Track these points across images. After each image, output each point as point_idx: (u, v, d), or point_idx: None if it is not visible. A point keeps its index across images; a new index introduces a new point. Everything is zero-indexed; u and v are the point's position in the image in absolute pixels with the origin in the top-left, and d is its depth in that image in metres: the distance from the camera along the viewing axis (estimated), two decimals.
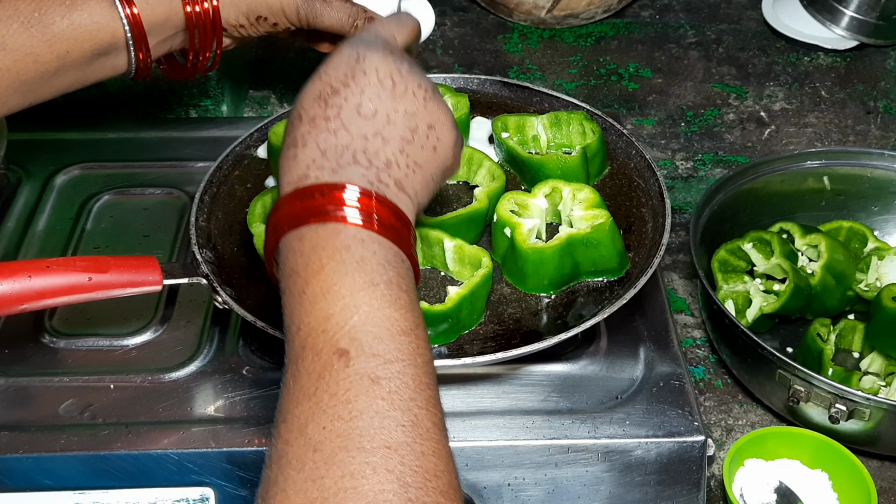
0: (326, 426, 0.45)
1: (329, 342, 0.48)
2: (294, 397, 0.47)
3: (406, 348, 0.49)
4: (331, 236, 0.51)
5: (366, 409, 0.46)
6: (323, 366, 0.47)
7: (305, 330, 0.49)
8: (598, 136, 0.83)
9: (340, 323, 0.48)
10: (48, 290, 0.67)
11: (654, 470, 0.72)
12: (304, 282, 0.50)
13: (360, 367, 0.47)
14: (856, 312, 0.92)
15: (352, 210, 0.52)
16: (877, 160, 0.97)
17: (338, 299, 0.49)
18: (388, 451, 0.45)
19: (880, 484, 0.80)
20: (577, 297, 0.75)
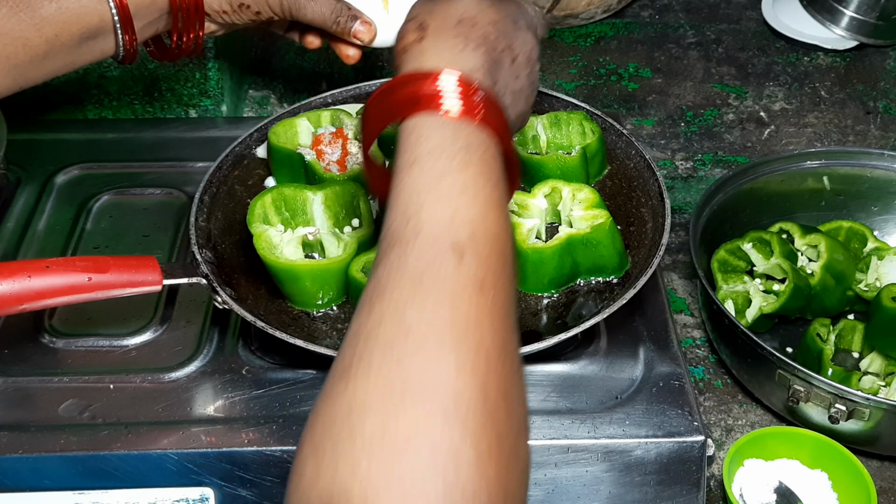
0: (424, 315, 0.46)
1: (449, 235, 0.49)
2: (396, 279, 0.48)
3: (510, 269, 0.51)
4: (487, 146, 0.54)
5: (467, 312, 0.47)
6: (435, 256, 0.48)
7: (427, 214, 0.50)
8: (597, 136, 0.83)
9: (465, 221, 0.50)
10: (48, 291, 0.67)
11: (653, 470, 0.72)
12: (446, 169, 0.52)
13: (471, 271, 0.48)
14: (855, 312, 0.92)
15: (498, 118, 0.56)
16: (876, 160, 0.97)
17: (474, 203, 0.51)
18: (479, 356, 0.46)
19: (880, 484, 0.80)
20: (576, 297, 0.75)
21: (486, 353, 0.46)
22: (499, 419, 0.45)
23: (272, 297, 0.75)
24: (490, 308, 0.48)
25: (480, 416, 0.44)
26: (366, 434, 0.42)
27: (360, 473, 0.41)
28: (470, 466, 0.42)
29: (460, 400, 0.43)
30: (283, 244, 0.74)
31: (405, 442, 0.42)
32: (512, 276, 0.51)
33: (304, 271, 0.73)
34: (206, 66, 1.04)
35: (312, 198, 0.77)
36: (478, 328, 0.47)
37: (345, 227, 0.78)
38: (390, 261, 0.49)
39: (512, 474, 0.44)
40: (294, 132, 0.84)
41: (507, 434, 0.45)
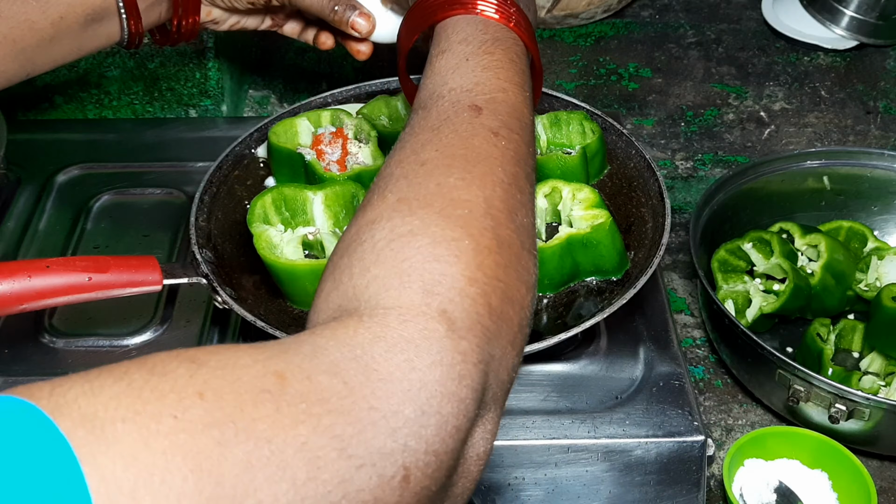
0: (439, 150, 0.50)
1: (470, 99, 0.54)
2: (416, 131, 0.53)
3: (527, 135, 0.55)
4: (511, 40, 0.60)
5: (479, 147, 0.51)
6: (455, 112, 0.53)
7: (451, 86, 0.55)
8: (597, 135, 0.83)
9: (486, 91, 0.55)
10: (48, 290, 0.67)
11: (653, 470, 0.72)
12: (472, 52, 0.57)
13: (486, 121, 0.52)
14: (855, 312, 0.92)
15: (525, 29, 0.61)
16: (876, 160, 0.97)
17: (494, 77, 0.56)
18: (486, 178, 0.49)
19: (880, 484, 0.80)
20: (576, 296, 0.75)
21: (493, 179, 0.49)
22: (501, 227, 0.47)
23: (272, 297, 0.75)
24: (502, 149, 0.51)
25: (483, 220, 0.47)
26: (375, 240, 0.45)
27: (368, 274, 0.44)
28: (467, 255, 0.45)
29: (464, 206, 0.47)
30: (284, 244, 0.74)
31: (409, 239, 0.45)
32: (527, 139, 0.54)
33: (304, 271, 0.72)
34: (206, 65, 1.04)
35: (312, 198, 0.77)
36: (487, 160, 0.50)
37: (345, 227, 0.78)
38: (413, 122, 0.54)
39: (512, 275, 0.47)
40: (294, 132, 0.84)
41: (509, 244, 0.47)
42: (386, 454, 0.37)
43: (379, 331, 0.41)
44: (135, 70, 1.04)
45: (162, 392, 0.34)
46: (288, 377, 0.37)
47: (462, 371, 0.41)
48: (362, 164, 0.81)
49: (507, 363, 0.46)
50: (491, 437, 0.45)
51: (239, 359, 0.37)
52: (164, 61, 1.03)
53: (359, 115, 0.86)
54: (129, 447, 0.32)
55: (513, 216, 0.49)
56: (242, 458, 0.34)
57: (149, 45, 1.02)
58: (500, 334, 0.45)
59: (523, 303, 0.47)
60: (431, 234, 0.45)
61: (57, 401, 0.33)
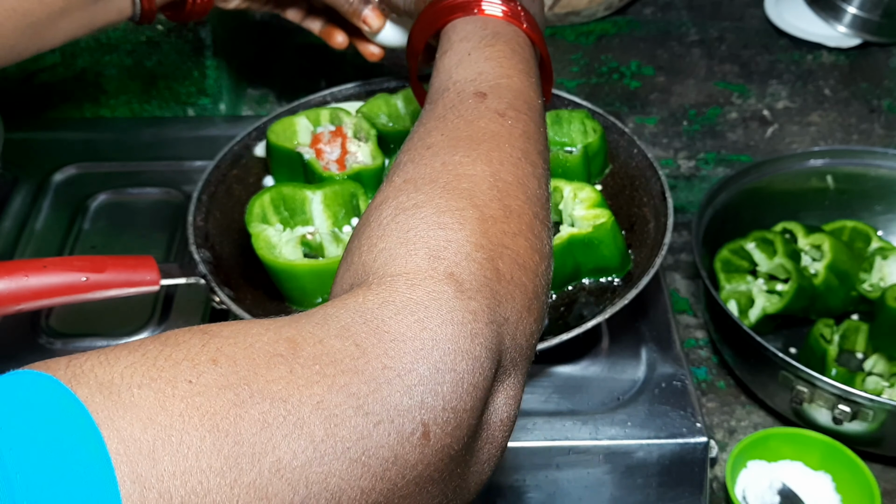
0: (445, 134, 0.51)
1: (474, 88, 0.55)
2: (422, 121, 0.53)
3: (535, 114, 0.55)
4: (513, 33, 0.60)
5: (485, 128, 0.51)
6: (460, 100, 0.54)
7: (455, 78, 0.56)
8: (599, 134, 0.82)
9: (489, 79, 0.55)
10: (45, 290, 0.67)
11: (656, 472, 0.71)
12: (473, 47, 0.58)
13: (491, 104, 0.53)
14: (859, 313, 0.92)
15: (530, 25, 0.62)
16: (880, 159, 0.96)
17: (496, 66, 0.56)
18: (492, 153, 0.49)
19: (884, 486, 0.80)
20: (578, 297, 0.75)
21: (500, 154, 0.50)
22: (509, 198, 0.48)
23: (270, 297, 0.74)
24: (509, 128, 0.52)
25: (489, 192, 0.47)
26: (381, 219, 0.46)
27: (375, 248, 0.45)
28: (471, 223, 0.45)
29: (469, 180, 0.47)
30: (282, 244, 0.74)
31: (413, 211, 0.45)
32: (534, 118, 0.54)
33: (302, 271, 0.72)
34: (204, 64, 1.04)
35: (311, 197, 0.77)
36: (494, 139, 0.50)
37: (344, 227, 0.77)
38: (421, 117, 0.55)
39: (522, 243, 0.47)
40: (293, 131, 0.84)
41: (518, 213, 0.47)
42: (403, 411, 0.38)
43: (387, 295, 0.41)
44: (132, 68, 1.03)
45: (176, 360, 0.35)
46: (299, 342, 0.37)
47: (474, 329, 0.41)
48: (361, 163, 0.81)
49: (524, 328, 0.46)
50: (514, 403, 0.45)
51: (251, 328, 0.38)
52: (162, 60, 1.03)
53: (358, 114, 0.85)
54: (147, 410, 0.33)
55: (523, 188, 0.49)
56: (259, 418, 0.34)
57: (146, 44, 1.02)
58: (513, 298, 0.45)
59: (537, 270, 0.47)
60: (436, 205, 0.46)
61: (74, 371, 0.33)
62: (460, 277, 0.42)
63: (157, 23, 1.00)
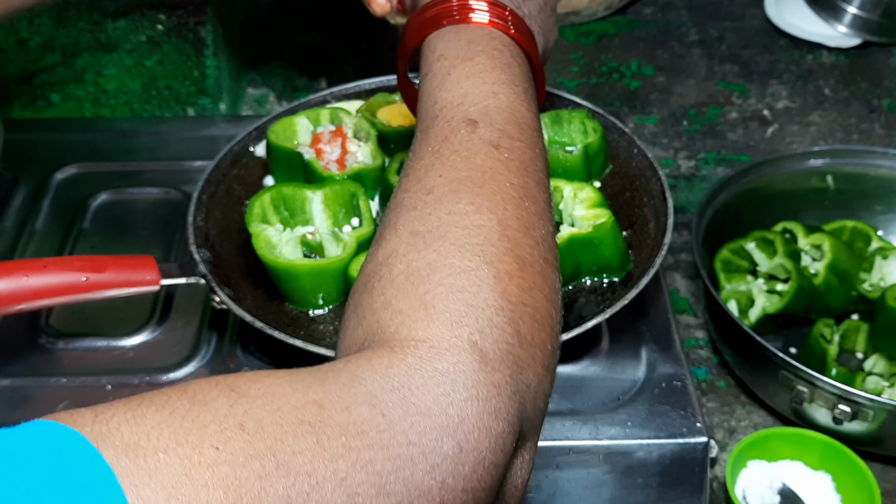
0: (443, 174, 0.50)
1: (462, 113, 0.53)
2: (417, 156, 0.52)
3: (528, 137, 0.53)
4: (487, 37, 0.58)
5: (482, 165, 0.50)
6: (451, 130, 0.52)
7: (441, 104, 0.54)
8: (599, 134, 0.82)
9: (476, 101, 0.53)
10: (45, 290, 0.67)
11: (656, 472, 0.71)
12: (451, 65, 0.56)
13: (484, 135, 0.51)
14: (859, 312, 0.92)
15: (511, 24, 0.59)
16: (881, 159, 0.96)
17: (480, 84, 0.54)
18: (495, 197, 0.48)
19: (884, 486, 0.80)
20: (578, 297, 0.75)
21: (504, 197, 0.48)
22: (520, 248, 0.47)
23: (270, 297, 0.74)
24: (505, 162, 0.50)
25: (500, 244, 0.46)
26: (393, 275, 0.45)
27: (390, 308, 0.44)
28: (489, 284, 0.44)
29: (477, 233, 0.46)
30: (282, 244, 0.74)
31: (427, 272, 0.45)
32: (530, 143, 0.53)
33: (302, 271, 0.72)
34: (204, 64, 1.03)
35: (311, 197, 0.77)
36: (493, 177, 0.49)
37: (344, 227, 0.77)
38: (413, 147, 0.53)
39: (537, 295, 0.46)
40: (293, 131, 0.83)
41: (531, 262, 0.47)
42: (424, 492, 0.38)
43: (413, 363, 0.41)
44: (132, 68, 1.03)
45: (203, 422, 0.35)
46: (327, 407, 0.37)
47: (498, 405, 0.41)
48: (362, 163, 0.81)
49: (543, 389, 0.46)
50: (529, 468, 0.45)
51: (278, 387, 0.37)
52: (163, 59, 1.03)
53: (358, 114, 0.85)
54: (172, 478, 0.32)
55: (530, 232, 0.48)
56: (283, 493, 0.34)
57: (146, 44, 1.02)
58: (534, 361, 0.45)
59: (553, 322, 0.47)
60: (450, 266, 0.45)
61: (100, 429, 0.33)
62: (483, 347, 0.42)
63: (157, 22, 1.00)
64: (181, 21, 1.00)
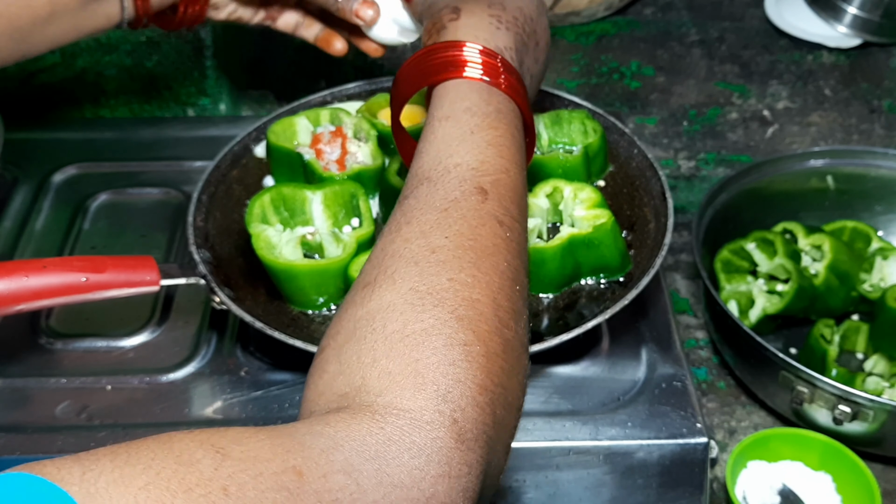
0: (449, 237, 0.50)
1: (475, 178, 0.54)
2: (424, 207, 0.53)
3: (525, 220, 0.56)
4: (513, 112, 0.60)
5: (486, 239, 0.51)
6: (462, 193, 0.53)
7: (457, 160, 0.55)
8: (599, 135, 0.82)
9: (491, 171, 0.55)
10: (45, 290, 0.67)
11: (656, 472, 0.71)
12: (477, 126, 0.57)
13: (492, 209, 0.53)
14: (860, 313, 0.92)
15: (522, 92, 0.61)
16: (881, 159, 0.96)
17: (498, 156, 0.56)
18: (493, 274, 0.50)
19: (884, 486, 0.80)
20: (578, 297, 0.75)
21: (501, 276, 0.50)
22: (507, 329, 0.48)
23: (271, 297, 0.74)
24: (506, 241, 0.52)
25: (491, 323, 0.48)
26: (388, 332, 0.46)
27: (378, 366, 0.45)
28: (479, 362, 0.45)
29: (475, 307, 0.47)
30: (282, 244, 0.74)
31: (422, 337, 0.45)
32: (525, 226, 0.56)
33: (302, 271, 0.72)
34: (204, 64, 1.04)
35: (311, 197, 0.77)
36: (495, 254, 0.51)
37: (344, 227, 0.77)
38: (419, 193, 0.54)
39: (513, 379, 0.48)
40: (293, 131, 0.83)
41: (513, 345, 0.48)
42: None
43: (393, 433, 0.42)
44: (132, 69, 1.03)
45: (189, 485, 0.36)
46: (305, 473, 0.39)
47: (466, 484, 0.43)
48: (362, 164, 0.81)
49: (500, 468, 0.48)
50: None
51: (260, 451, 0.39)
52: (162, 60, 1.03)
53: (358, 114, 0.85)
54: None
55: (516, 315, 0.50)
56: None
57: (146, 44, 1.02)
58: (502, 441, 0.47)
59: (519, 406, 0.49)
60: (446, 335, 0.46)
61: (88, 489, 0.35)
62: (463, 426, 0.43)
63: None
64: None
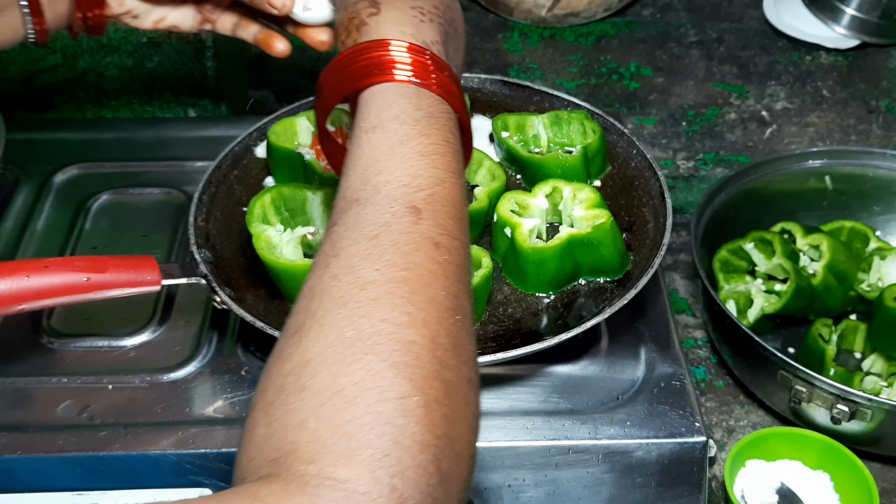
0: (380, 269, 0.46)
1: (407, 196, 0.50)
2: (352, 236, 0.48)
3: (465, 234, 0.52)
4: (446, 115, 0.55)
5: (421, 266, 0.47)
6: (393, 215, 0.49)
7: (386, 177, 0.51)
8: (598, 135, 0.83)
9: (424, 185, 0.50)
10: (46, 290, 0.67)
11: (655, 471, 0.71)
12: (407, 135, 0.52)
13: (427, 230, 0.49)
14: (858, 313, 0.92)
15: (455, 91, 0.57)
16: (879, 160, 0.96)
17: (431, 167, 0.51)
18: (430, 308, 0.46)
19: (882, 485, 0.80)
20: (577, 297, 0.75)
21: (439, 308, 0.46)
22: (449, 370, 0.44)
23: (271, 297, 0.75)
24: (444, 265, 0.48)
25: (430, 366, 0.44)
26: (316, 389, 0.42)
27: (308, 428, 0.41)
28: (417, 415, 0.42)
29: (410, 351, 0.43)
30: (283, 244, 0.74)
31: (353, 393, 0.42)
32: (466, 241, 0.52)
33: (303, 271, 0.72)
34: (205, 65, 1.04)
35: (312, 197, 0.77)
36: (432, 283, 0.47)
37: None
38: (348, 219, 0.49)
39: (460, 424, 0.44)
40: (293, 131, 0.84)
41: (457, 386, 0.45)
42: None
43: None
44: (133, 69, 1.03)
45: None
46: None
47: None
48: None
49: None
50: None
51: None
52: (164, 61, 1.03)
53: None
54: None
55: (458, 351, 0.46)
56: None
57: (147, 45, 1.02)
58: (449, 497, 0.43)
59: (471, 451, 0.45)
60: (379, 389, 0.42)
61: None
62: (404, 492, 0.40)
63: None
64: None
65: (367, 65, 0.56)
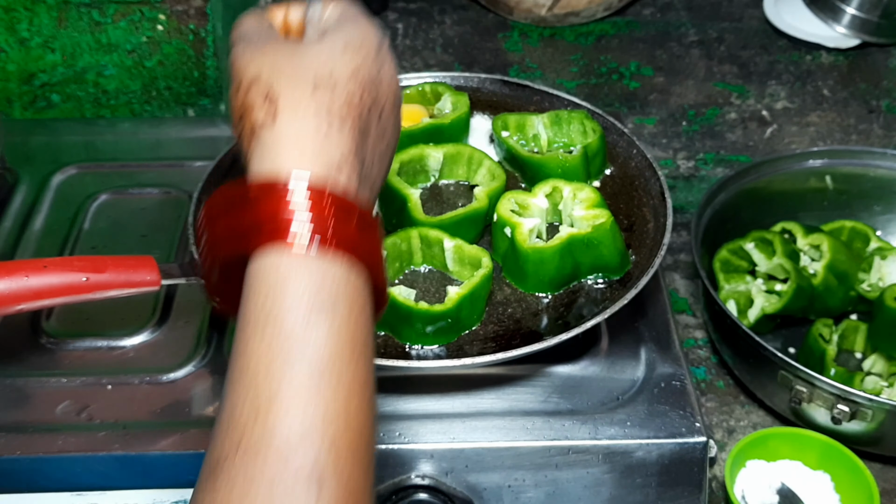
0: None
1: (308, 453, 0.40)
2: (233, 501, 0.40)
3: (372, 468, 0.43)
4: (357, 293, 0.45)
5: None
6: (293, 485, 0.40)
7: (281, 415, 0.41)
8: (598, 135, 0.83)
9: (330, 433, 0.41)
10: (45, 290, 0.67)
11: (655, 471, 0.71)
12: (304, 344, 0.43)
13: (331, 495, 0.40)
14: (858, 313, 0.92)
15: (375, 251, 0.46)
16: (879, 160, 0.96)
17: (336, 393, 0.42)
18: None
19: (883, 485, 0.80)
20: (577, 297, 0.75)
21: None
22: None
23: None
24: None
25: None
26: None
27: None
28: None
29: None
30: None
31: None
32: (372, 477, 0.43)
33: None
34: (205, 64, 1.04)
35: None
36: None
37: None
38: (232, 476, 0.41)
39: None
40: None
41: None
42: None
43: None
44: (132, 69, 1.03)
45: None
46: None
47: None
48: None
49: None
50: None
51: None
52: (163, 60, 1.03)
53: None
54: None
55: None
56: None
57: (147, 44, 1.02)
58: None
59: None
60: None
61: None
62: None
63: (157, 23, 1.00)
64: (182, 21, 1.01)
65: (261, 219, 0.44)
